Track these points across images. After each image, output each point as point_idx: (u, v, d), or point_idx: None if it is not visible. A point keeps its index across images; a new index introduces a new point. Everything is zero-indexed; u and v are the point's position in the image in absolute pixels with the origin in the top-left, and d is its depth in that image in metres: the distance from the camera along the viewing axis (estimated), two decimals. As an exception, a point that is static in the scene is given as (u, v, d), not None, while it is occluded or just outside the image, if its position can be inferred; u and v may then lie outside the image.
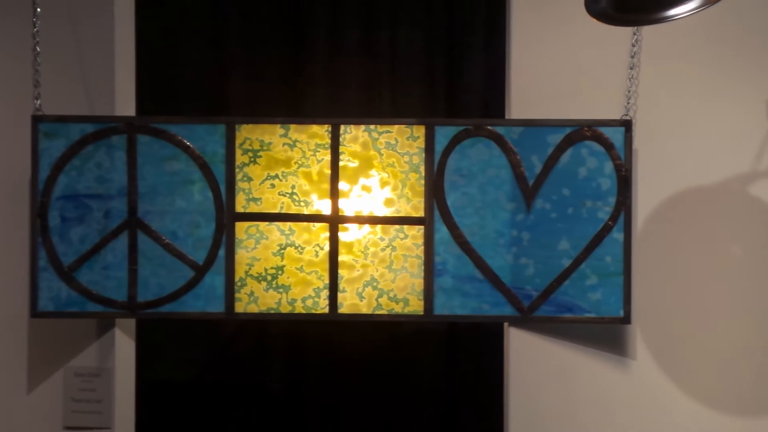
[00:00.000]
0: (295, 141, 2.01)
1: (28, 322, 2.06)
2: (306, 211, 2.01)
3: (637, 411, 2.06)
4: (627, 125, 1.98)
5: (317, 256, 2.01)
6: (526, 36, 2.07)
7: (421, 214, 2.00)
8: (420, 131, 2.00)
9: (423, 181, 2.00)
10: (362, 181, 2.02)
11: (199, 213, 2.00)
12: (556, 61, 2.06)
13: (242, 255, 2.00)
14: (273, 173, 2.01)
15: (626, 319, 1.98)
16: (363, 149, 2.01)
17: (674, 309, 2.05)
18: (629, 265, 1.97)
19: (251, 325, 2.45)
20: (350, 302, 2.01)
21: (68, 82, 2.06)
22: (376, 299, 2.01)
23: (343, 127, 2.01)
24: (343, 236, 2.01)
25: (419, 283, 2.00)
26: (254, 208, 2.01)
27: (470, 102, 2.42)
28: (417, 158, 2.01)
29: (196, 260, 2.00)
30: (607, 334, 2.04)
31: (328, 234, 2.00)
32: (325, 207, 2.01)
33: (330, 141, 2.01)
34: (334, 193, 2.00)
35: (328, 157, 2.01)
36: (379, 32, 2.43)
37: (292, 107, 2.42)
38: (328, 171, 2.01)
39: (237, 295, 2.00)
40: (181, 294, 2.00)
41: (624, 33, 2.02)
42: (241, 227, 2.00)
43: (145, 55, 2.24)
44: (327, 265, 2.00)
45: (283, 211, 2.01)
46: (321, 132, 2.01)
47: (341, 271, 2.00)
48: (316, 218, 2.01)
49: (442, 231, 2.00)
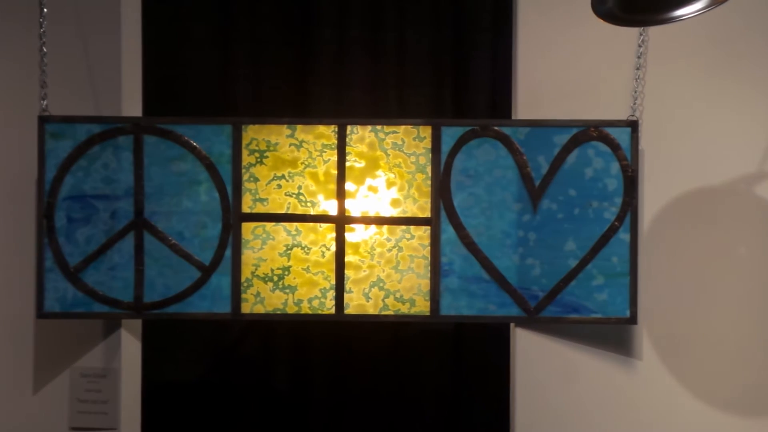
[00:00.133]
0: (302, 141, 2.01)
1: (34, 323, 2.06)
2: (312, 212, 2.01)
3: (644, 411, 2.05)
4: (633, 126, 1.98)
5: (324, 256, 2.00)
6: (533, 37, 2.07)
7: (427, 214, 2.00)
8: (426, 132, 2.00)
9: (429, 182, 2.00)
10: (369, 181, 2.02)
11: (206, 213, 2.00)
12: (563, 62, 2.06)
13: (249, 255, 2.00)
14: (279, 174, 2.01)
15: (632, 320, 1.98)
16: (369, 150, 2.01)
17: (681, 309, 2.05)
18: (635, 266, 1.97)
19: (257, 326, 2.45)
20: (357, 303, 2.00)
21: (75, 83, 2.06)
22: (383, 300, 2.00)
23: (349, 128, 2.01)
24: (349, 237, 2.01)
25: (425, 283, 2.00)
26: (261, 208, 2.01)
27: (477, 102, 2.42)
28: (423, 159, 2.00)
29: (203, 261, 2.00)
30: (614, 334, 2.04)
31: (334, 234, 2.00)
32: (331, 207, 2.01)
33: (336, 141, 2.01)
34: (341, 194, 2.00)
35: (334, 158, 2.01)
36: (386, 33, 2.42)
37: (299, 108, 2.42)
38: (334, 171, 2.01)
39: (243, 295, 2.00)
40: (188, 295, 2.00)
41: (631, 33, 2.02)
42: (247, 228, 2.00)
43: (152, 56, 2.24)
44: (333, 266, 2.00)
45: (290, 212, 2.01)
46: (327, 132, 2.01)
47: (348, 272, 2.00)
48: (322, 219, 2.01)
49: (448, 231, 2.00)
